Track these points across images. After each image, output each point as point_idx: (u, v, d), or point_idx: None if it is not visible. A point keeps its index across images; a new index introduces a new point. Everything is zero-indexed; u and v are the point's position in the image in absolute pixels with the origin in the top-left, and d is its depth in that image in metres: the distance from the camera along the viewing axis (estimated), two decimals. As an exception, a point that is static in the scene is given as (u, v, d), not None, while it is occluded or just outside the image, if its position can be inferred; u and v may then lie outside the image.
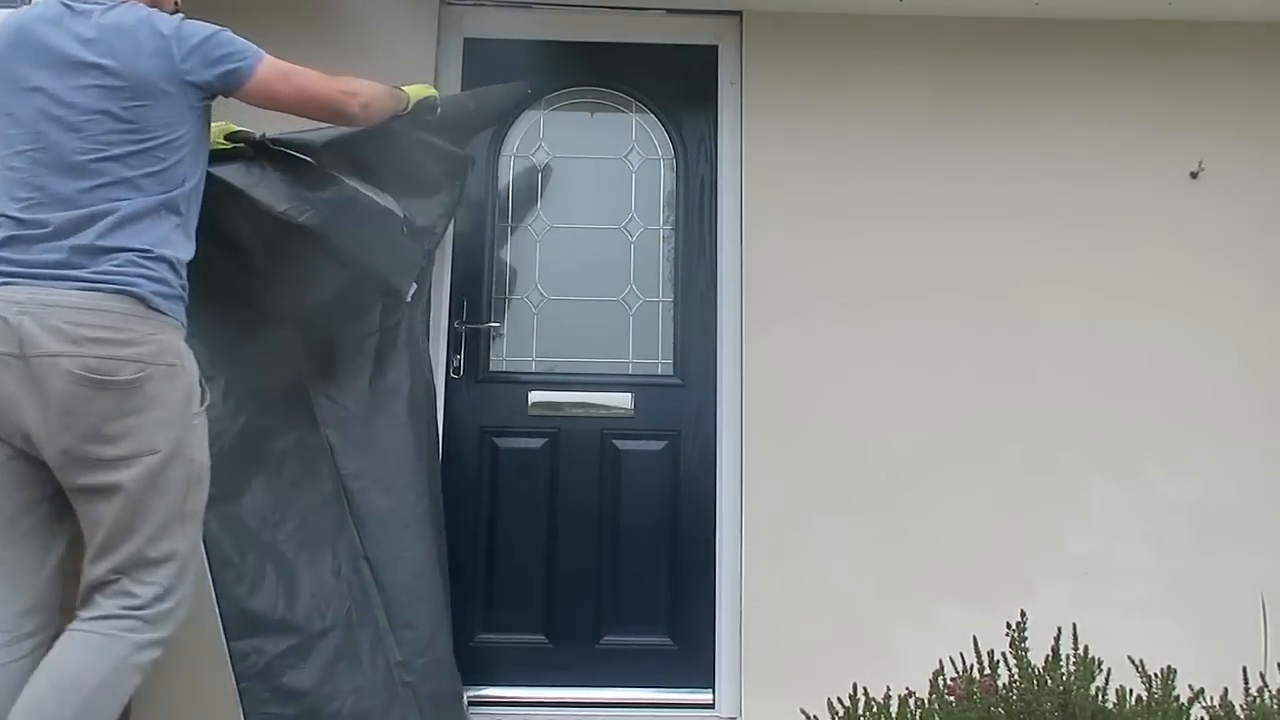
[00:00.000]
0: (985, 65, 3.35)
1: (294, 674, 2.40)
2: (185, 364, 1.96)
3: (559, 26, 3.39)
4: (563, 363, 3.28)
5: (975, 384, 3.15)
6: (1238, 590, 2.92)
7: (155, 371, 1.88)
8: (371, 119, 2.32)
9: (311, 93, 2.14)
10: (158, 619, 1.90)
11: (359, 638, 2.53)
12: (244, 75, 2.03)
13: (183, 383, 1.94)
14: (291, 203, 2.33)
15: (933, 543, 3.04)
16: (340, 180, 2.42)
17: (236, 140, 2.32)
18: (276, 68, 2.08)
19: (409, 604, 2.62)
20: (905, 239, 3.23)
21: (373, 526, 2.62)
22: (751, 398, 3.14)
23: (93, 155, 1.90)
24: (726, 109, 3.39)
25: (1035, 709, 2.04)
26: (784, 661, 2.96)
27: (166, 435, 1.90)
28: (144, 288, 1.89)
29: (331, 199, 2.40)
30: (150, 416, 1.87)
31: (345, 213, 2.43)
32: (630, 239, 3.36)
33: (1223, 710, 2.11)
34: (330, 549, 2.56)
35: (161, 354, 1.90)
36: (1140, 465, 3.12)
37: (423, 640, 2.61)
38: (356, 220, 2.46)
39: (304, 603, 2.47)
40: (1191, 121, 3.32)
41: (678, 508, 3.17)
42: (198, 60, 1.99)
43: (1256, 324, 3.21)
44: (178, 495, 1.92)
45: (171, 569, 1.91)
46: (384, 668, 2.54)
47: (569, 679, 3.06)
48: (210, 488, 2.06)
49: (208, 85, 2.02)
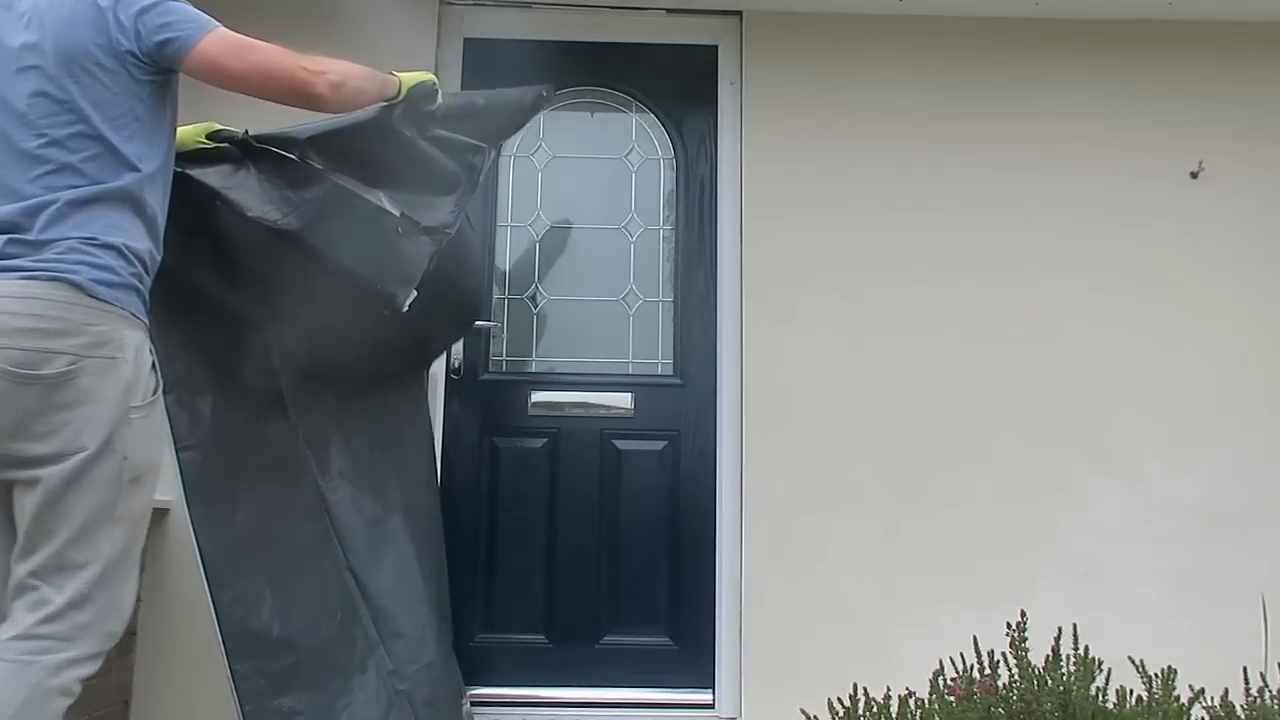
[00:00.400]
0: (985, 65, 3.35)
1: (294, 693, 2.36)
2: (126, 355, 1.80)
3: (559, 26, 3.39)
4: (563, 363, 3.28)
5: (975, 383, 3.15)
6: (1238, 590, 2.92)
7: (89, 364, 1.75)
8: (346, 102, 2.05)
9: (268, 68, 1.91)
10: (74, 633, 1.72)
11: (351, 651, 2.49)
12: (183, 46, 1.86)
13: (121, 376, 1.78)
14: (269, 205, 2.17)
15: (933, 542, 3.04)
16: (326, 177, 2.22)
17: (220, 139, 2.19)
18: (226, 40, 1.89)
19: (396, 613, 2.58)
20: (906, 239, 3.23)
21: (353, 538, 2.55)
22: (751, 398, 3.14)
23: (38, 142, 1.80)
24: (726, 109, 3.39)
25: (1035, 709, 2.04)
26: (784, 661, 2.96)
27: (96, 432, 1.75)
28: (83, 274, 1.76)
29: (315, 198, 2.21)
30: (81, 412, 1.74)
31: (331, 214, 2.23)
32: (630, 239, 3.36)
33: (1223, 710, 2.11)
34: (316, 563, 2.49)
35: (98, 346, 1.77)
36: (1140, 465, 3.12)
37: (413, 648, 2.58)
38: (344, 221, 2.25)
39: (298, 620, 2.41)
40: (1191, 121, 3.32)
41: (678, 508, 3.17)
42: (137, 31, 1.85)
43: (1257, 324, 3.21)
44: (105, 495, 1.76)
45: (90, 575, 1.74)
46: (376, 678, 2.50)
47: (569, 679, 3.06)
48: (202, 506, 1.98)
49: (148, 57, 1.86)
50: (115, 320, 1.80)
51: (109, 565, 1.77)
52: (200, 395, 2.36)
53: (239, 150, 2.20)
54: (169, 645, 2.87)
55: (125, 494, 1.80)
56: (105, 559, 1.76)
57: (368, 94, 2.11)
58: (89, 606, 1.73)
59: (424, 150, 2.31)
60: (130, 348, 1.81)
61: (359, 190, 2.24)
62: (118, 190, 1.83)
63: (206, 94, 2.07)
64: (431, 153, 2.33)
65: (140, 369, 1.83)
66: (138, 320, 1.85)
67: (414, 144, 2.28)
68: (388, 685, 2.51)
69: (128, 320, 1.82)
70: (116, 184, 1.83)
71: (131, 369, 1.81)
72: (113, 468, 1.77)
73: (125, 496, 1.80)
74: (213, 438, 2.36)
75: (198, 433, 2.35)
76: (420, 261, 2.25)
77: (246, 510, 2.39)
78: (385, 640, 2.54)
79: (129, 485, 1.80)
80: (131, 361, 1.81)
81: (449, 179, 2.35)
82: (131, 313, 1.83)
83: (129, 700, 2.86)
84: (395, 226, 2.24)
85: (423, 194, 2.31)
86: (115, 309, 1.80)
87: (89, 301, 1.76)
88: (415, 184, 2.31)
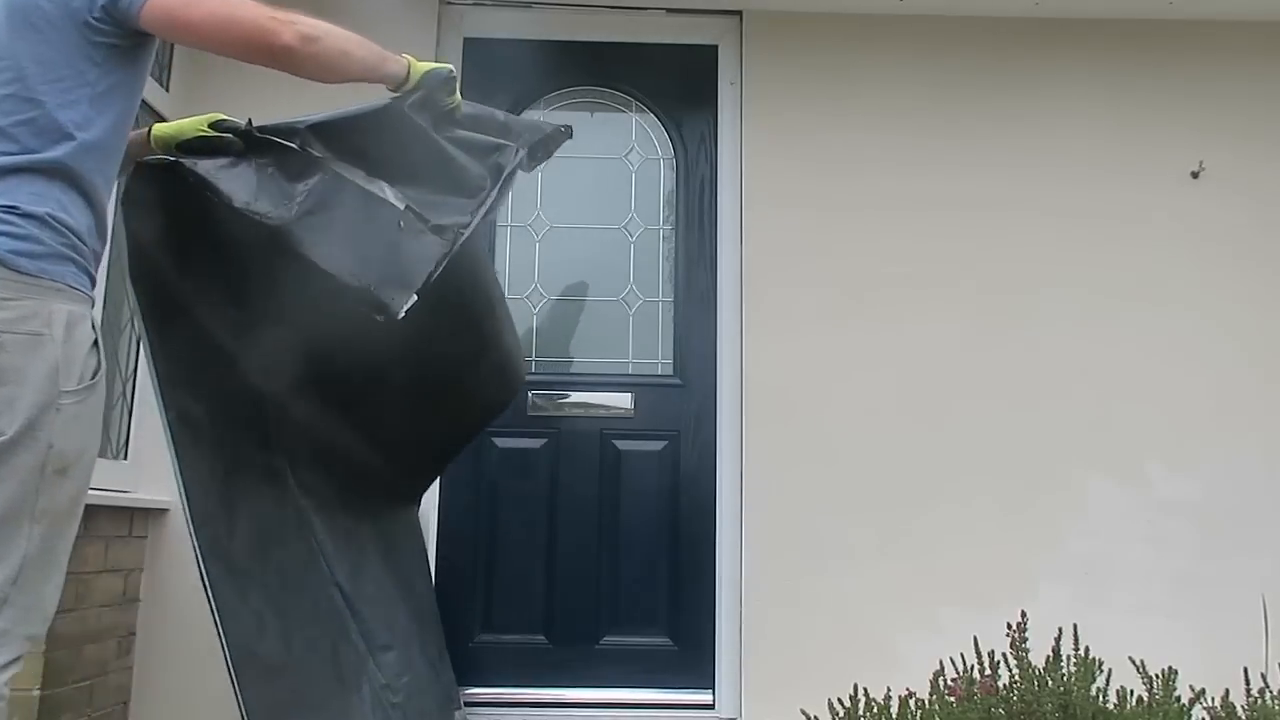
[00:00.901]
0: (985, 65, 3.34)
1: (296, 717, 2.24)
2: (54, 332, 1.63)
3: (559, 26, 3.39)
4: (563, 363, 3.28)
5: (976, 383, 3.15)
6: (1239, 590, 2.92)
7: (9, 341, 1.59)
8: (325, 63, 1.82)
9: (226, 16, 1.73)
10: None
11: (344, 668, 2.39)
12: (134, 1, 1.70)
13: (46, 355, 1.61)
14: (263, 198, 1.99)
15: (933, 542, 3.04)
16: (326, 166, 2.03)
17: (222, 129, 2.05)
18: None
19: (382, 625, 2.49)
20: (906, 239, 3.23)
21: (333, 550, 2.43)
22: (751, 398, 3.14)
23: None
24: (726, 109, 3.39)
25: (1036, 709, 2.03)
26: (784, 662, 2.96)
27: (15, 416, 1.58)
28: (2, 245, 1.60)
29: (312, 191, 2.02)
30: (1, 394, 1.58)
31: (326, 207, 2.03)
32: (630, 239, 3.36)
33: (1224, 711, 2.11)
34: (304, 580, 2.37)
35: (20, 321, 1.60)
36: (1141, 465, 3.11)
37: (403, 659, 2.52)
38: (340, 217, 2.04)
39: (297, 642, 2.28)
40: (1192, 121, 3.32)
41: (677, 508, 3.17)
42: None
43: (1257, 323, 3.20)
44: (23, 487, 1.59)
45: (5, 576, 1.57)
46: (371, 694, 2.42)
47: (569, 679, 3.06)
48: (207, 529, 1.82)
49: (102, 14, 1.70)
50: (42, 293, 1.63)
51: (27, 565, 1.59)
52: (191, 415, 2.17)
53: (241, 143, 2.06)
54: (169, 645, 2.87)
55: (48, 487, 1.62)
56: (22, 558, 1.59)
57: (355, 60, 1.89)
58: (7, 610, 1.57)
59: (442, 146, 2.12)
60: (59, 323, 1.64)
61: (360, 181, 2.04)
62: (48, 161, 1.68)
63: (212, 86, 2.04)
64: (452, 151, 2.13)
65: (74, 348, 1.65)
66: (75, 292, 1.67)
67: (430, 138, 2.10)
68: (382, 699, 2.45)
69: (60, 293, 1.65)
70: (47, 155, 1.68)
71: (61, 347, 1.63)
72: (34, 457, 1.60)
73: (48, 489, 1.62)
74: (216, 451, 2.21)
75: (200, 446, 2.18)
76: (426, 263, 1.97)
77: (242, 530, 2.24)
78: (374, 653, 2.46)
79: (53, 477, 1.62)
80: (60, 339, 1.63)
81: (471, 180, 2.12)
82: (68, 284, 1.66)
83: (128, 700, 2.85)
84: (398, 221, 2.02)
85: (439, 193, 2.09)
86: (43, 280, 1.63)
87: (7, 274, 1.61)
88: (431, 181, 2.09)
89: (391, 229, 2.01)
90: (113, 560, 2.73)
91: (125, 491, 2.84)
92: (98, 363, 1.69)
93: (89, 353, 1.67)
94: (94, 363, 1.69)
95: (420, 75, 2.03)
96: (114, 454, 2.91)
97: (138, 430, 2.95)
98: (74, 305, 1.66)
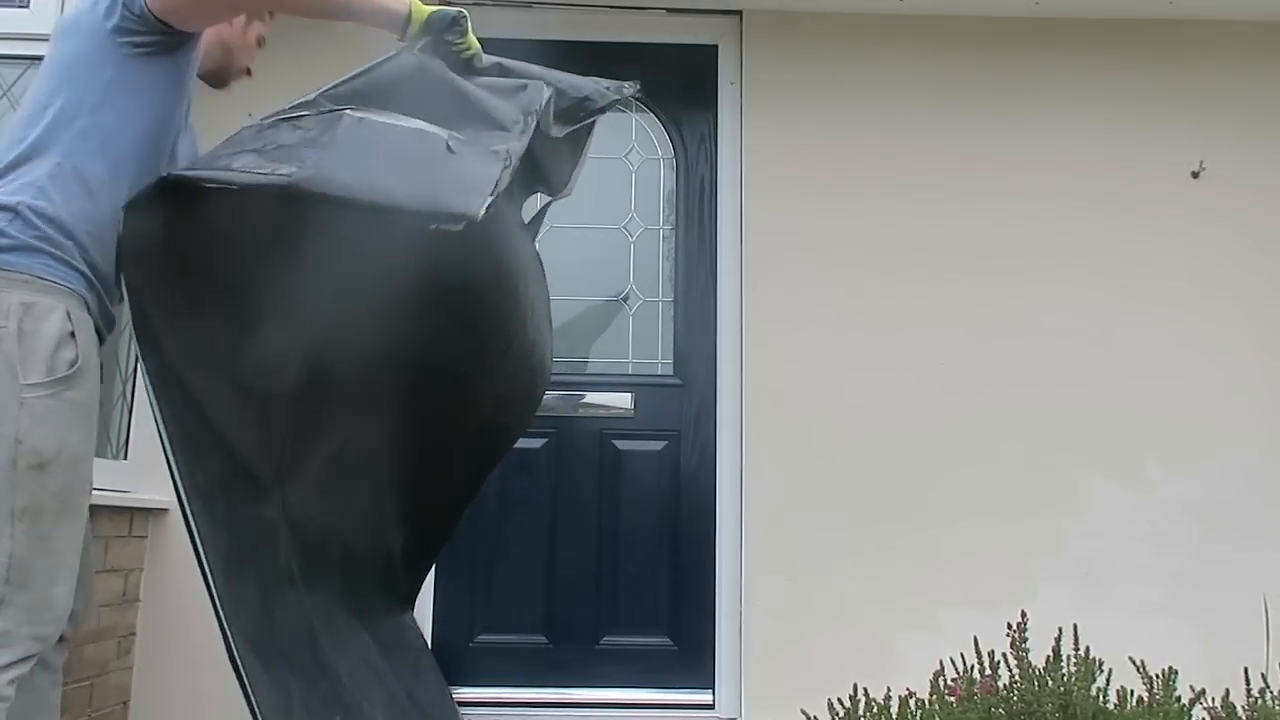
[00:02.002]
0: (985, 65, 3.34)
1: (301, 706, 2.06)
2: (9, 325, 1.59)
3: (559, 26, 3.38)
4: (563, 363, 3.27)
5: (976, 384, 3.14)
6: (1239, 591, 2.92)
7: None
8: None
9: None
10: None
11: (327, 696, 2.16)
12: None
13: (5, 350, 1.58)
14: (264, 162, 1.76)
15: (933, 542, 3.03)
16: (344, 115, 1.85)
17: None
18: None
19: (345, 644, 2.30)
20: (905, 239, 3.22)
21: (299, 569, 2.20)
22: (751, 398, 3.14)
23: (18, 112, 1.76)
24: (726, 109, 3.39)
25: (1036, 710, 2.03)
26: (784, 662, 2.96)
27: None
28: None
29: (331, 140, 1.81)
30: None
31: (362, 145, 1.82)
32: (630, 239, 3.36)
33: (1224, 711, 2.11)
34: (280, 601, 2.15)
35: None
36: (1141, 465, 3.11)
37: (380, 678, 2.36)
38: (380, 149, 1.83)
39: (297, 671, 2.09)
40: (1192, 121, 3.31)
41: (677, 508, 3.17)
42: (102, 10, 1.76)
43: (1257, 323, 3.20)
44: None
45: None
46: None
47: (569, 679, 3.06)
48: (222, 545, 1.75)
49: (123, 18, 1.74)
50: (8, 285, 1.61)
51: (16, 565, 1.57)
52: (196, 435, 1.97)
53: None
54: (169, 645, 2.87)
55: (26, 483, 1.57)
56: (9, 556, 1.56)
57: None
58: (7, 610, 1.55)
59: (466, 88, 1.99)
60: (14, 315, 1.60)
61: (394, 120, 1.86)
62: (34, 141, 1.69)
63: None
64: (476, 93, 1.99)
65: (38, 340, 1.60)
66: (45, 283, 1.64)
67: (450, 81, 1.98)
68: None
69: (26, 284, 1.62)
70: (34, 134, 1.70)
71: (17, 340, 1.59)
72: (3, 453, 1.56)
73: (26, 486, 1.57)
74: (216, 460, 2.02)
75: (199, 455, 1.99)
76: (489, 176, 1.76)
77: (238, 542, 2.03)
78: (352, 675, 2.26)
79: (29, 473, 1.57)
80: (15, 332, 1.59)
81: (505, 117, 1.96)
82: (35, 275, 1.63)
83: (128, 700, 2.85)
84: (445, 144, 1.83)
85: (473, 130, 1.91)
86: (6, 274, 1.61)
87: None
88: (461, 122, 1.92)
89: (440, 153, 1.83)
90: (113, 560, 2.72)
91: (125, 491, 2.84)
92: (75, 355, 1.64)
93: (61, 345, 1.62)
94: (69, 355, 1.63)
95: (424, 18, 1.98)
96: (114, 454, 2.91)
97: (138, 430, 2.94)
98: (40, 296, 1.62)
